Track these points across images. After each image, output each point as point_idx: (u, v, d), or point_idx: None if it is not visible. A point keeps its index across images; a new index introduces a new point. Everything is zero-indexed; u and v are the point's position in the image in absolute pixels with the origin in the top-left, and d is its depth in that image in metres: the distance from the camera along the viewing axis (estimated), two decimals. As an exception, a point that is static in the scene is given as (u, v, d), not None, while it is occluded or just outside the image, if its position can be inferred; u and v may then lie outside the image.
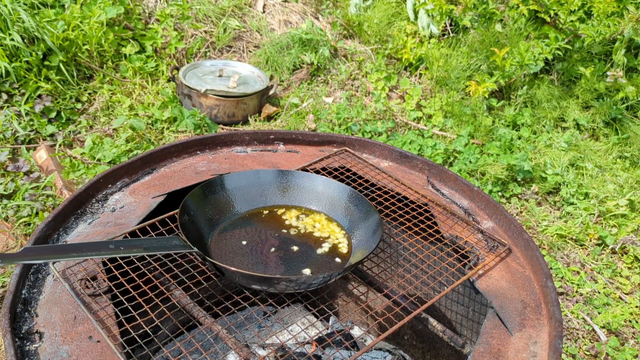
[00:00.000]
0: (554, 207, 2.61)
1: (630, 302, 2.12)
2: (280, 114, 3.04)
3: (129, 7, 3.17)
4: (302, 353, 1.36)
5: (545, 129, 3.04)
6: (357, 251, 1.11)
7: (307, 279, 0.97)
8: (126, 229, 1.12)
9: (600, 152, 2.93)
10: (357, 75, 3.33)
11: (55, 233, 1.12)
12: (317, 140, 1.51)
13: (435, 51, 3.23)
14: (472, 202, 1.34)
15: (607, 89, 3.12)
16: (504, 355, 0.94)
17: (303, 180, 1.25)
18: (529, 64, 2.93)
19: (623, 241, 2.35)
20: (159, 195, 1.24)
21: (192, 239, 1.02)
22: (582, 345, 1.94)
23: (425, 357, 1.50)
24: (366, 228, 1.14)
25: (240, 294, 1.03)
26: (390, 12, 3.47)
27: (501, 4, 3.25)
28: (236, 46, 3.42)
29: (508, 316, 1.02)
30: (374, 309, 1.03)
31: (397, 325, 0.96)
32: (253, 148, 1.47)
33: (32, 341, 0.89)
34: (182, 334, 1.46)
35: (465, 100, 3.11)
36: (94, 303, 0.95)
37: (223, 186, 1.19)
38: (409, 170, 1.45)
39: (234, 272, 0.97)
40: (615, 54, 2.98)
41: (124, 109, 2.83)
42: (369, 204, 1.16)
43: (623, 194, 2.60)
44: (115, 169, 1.27)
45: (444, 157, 2.75)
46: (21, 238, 2.06)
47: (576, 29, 3.00)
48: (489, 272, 1.13)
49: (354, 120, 2.94)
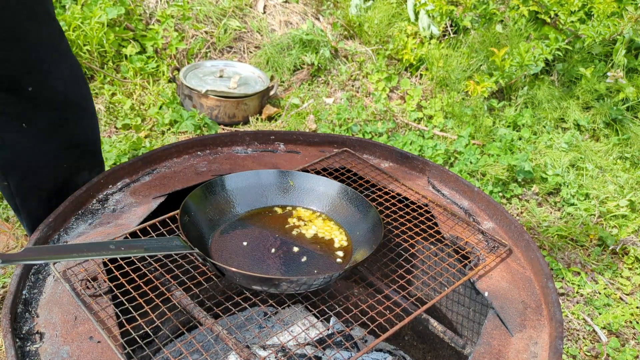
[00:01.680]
0: (555, 207, 2.60)
1: (630, 303, 2.11)
2: (280, 114, 3.04)
3: (130, 7, 3.17)
4: (303, 354, 1.36)
5: (546, 130, 3.04)
6: (358, 252, 1.11)
7: (308, 279, 0.97)
8: (127, 229, 1.12)
9: (600, 152, 2.93)
10: (358, 76, 3.33)
11: (56, 233, 1.12)
12: (317, 141, 1.51)
13: (436, 52, 3.23)
14: (472, 202, 1.34)
15: (607, 90, 3.12)
16: (504, 355, 0.94)
17: (304, 180, 1.25)
18: (529, 64, 2.93)
19: (624, 242, 2.35)
20: (160, 196, 1.24)
21: (193, 239, 1.02)
22: (582, 346, 1.94)
23: (426, 357, 1.50)
24: (367, 229, 1.14)
25: (241, 295, 1.03)
26: (390, 12, 3.47)
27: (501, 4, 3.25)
28: (237, 47, 3.42)
29: (509, 317, 1.02)
30: (375, 309, 1.03)
31: (397, 326, 0.96)
32: (254, 148, 1.47)
33: (32, 341, 0.89)
34: (183, 335, 1.46)
35: (465, 101, 3.11)
36: (95, 303, 0.95)
37: (224, 187, 1.19)
38: (409, 171, 1.45)
39: (235, 273, 0.97)
40: (615, 54, 2.98)
41: (125, 110, 2.83)
42: (370, 204, 1.16)
43: (623, 195, 2.60)
44: (116, 169, 1.28)
45: (444, 158, 2.75)
46: (22, 238, 2.06)
47: (576, 29, 3.00)
48: (489, 272, 1.13)
49: (355, 121, 2.94)
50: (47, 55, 1.30)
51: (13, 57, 1.23)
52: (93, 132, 1.48)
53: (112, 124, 2.77)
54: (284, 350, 1.33)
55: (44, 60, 1.29)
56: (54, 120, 1.34)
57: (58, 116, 1.35)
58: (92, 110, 1.47)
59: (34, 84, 1.27)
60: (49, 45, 1.30)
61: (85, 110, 1.44)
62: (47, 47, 1.30)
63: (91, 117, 1.47)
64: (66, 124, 1.38)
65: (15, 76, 1.25)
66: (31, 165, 1.35)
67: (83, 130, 1.44)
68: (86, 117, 1.45)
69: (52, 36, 1.31)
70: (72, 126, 1.40)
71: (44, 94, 1.31)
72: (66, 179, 1.43)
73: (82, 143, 1.44)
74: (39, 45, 1.27)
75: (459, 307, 1.33)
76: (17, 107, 1.28)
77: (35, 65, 1.27)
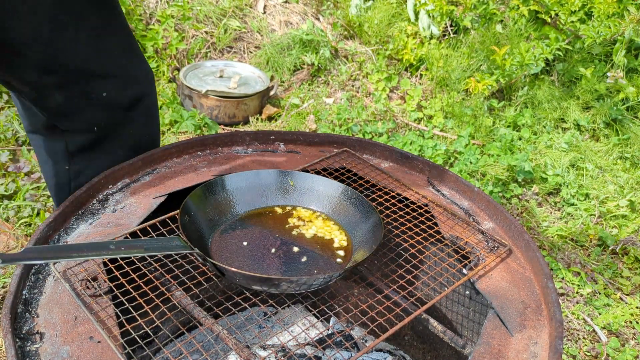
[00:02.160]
0: (555, 207, 2.60)
1: (630, 303, 2.12)
2: (280, 114, 3.04)
3: (130, 7, 3.17)
4: (303, 354, 1.36)
5: (546, 130, 3.04)
6: (358, 252, 1.11)
7: (308, 279, 0.97)
8: (127, 229, 1.12)
9: (600, 152, 2.93)
10: (358, 76, 3.33)
11: (56, 233, 1.12)
12: (317, 141, 1.51)
13: (436, 52, 3.23)
14: (472, 202, 1.34)
15: (607, 90, 3.12)
16: (504, 355, 0.94)
17: (304, 180, 1.25)
18: (530, 64, 2.93)
19: (623, 242, 2.35)
20: (160, 196, 1.24)
21: (193, 239, 1.02)
22: (582, 346, 1.94)
23: (426, 357, 1.50)
24: (367, 229, 1.14)
25: (241, 295, 1.03)
26: (390, 12, 3.47)
27: (501, 4, 3.25)
28: (237, 47, 3.42)
29: (508, 317, 1.02)
30: (375, 309, 1.03)
31: (397, 326, 0.96)
32: (254, 149, 1.47)
33: (32, 342, 0.89)
34: (183, 335, 1.46)
35: (465, 101, 3.11)
36: (95, 304, 0.95)
37: (224, 187, 1.19)
38: (409, 171, 1.45)
39: (235, 273, 0.97)
40: (615, 54, 2.98)
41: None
42: (370, 204, 1.16)
43: (623, 195, 2.60)
44: (116, 169, 1.28)
45: (444, 158, 2.75)
46: (22, 238, 2.06)
47: (577, 29, 3.00)
48: (489, 272, 1.13)
49: (355, 121, 2.94)
50: (124, 61, 1.29)
51: (94, 63, 1.22)
52: (156, 135, 1.48)
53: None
54: (284, 350, 1.33)
55: (122, 66, 1.29)
56: (122, 121, 1.34)
57: (128, 117, 1.35)
58: (157, 114, 1.47)
59: (108, 90, 1.27)
60: (123, 51, 1.29)
61: (152, 114, 1.43)
62: (122, 53, 1.29)
63: (156, 119, 1.46)
64: (134, 125, 1.37)
65: (93, 81, 1.24)
66: (95, 159, 1.35)
67: (149, 132, 1.44)
68: (151, 120, 1.44)
69: (126, 42, 1.30)
70: (139, 127, 1.39)
71: (118, 99, 1.30)
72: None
73: (146, 145, 1.43)
74: (115, 51, 1.26)
75: (459, 307, 1.33)
76: (89, 111, 1.28)
77: (113, 70, 1.27)
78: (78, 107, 1.26)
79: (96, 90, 1.25)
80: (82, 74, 1.23)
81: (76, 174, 1.37)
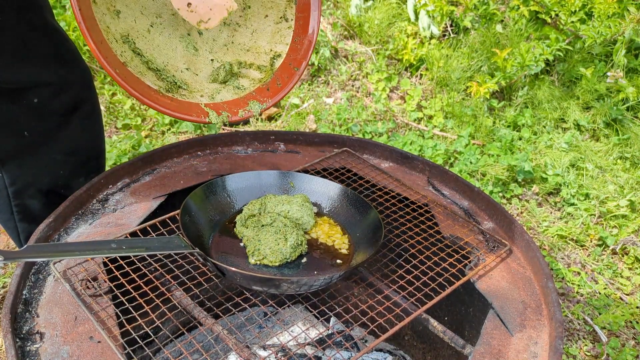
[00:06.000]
0: (555, 207, 2.60)
1: (630, 303, 2.11)
2: (280, 114, 3.04)
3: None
4: (303, 354, 1.36)
5: (546, 130, 3.04)
6: (358, 253, 1.11)
7: (309, 280, 0.97)
8: (127, 229, 1.12)
9: (600, 152, 2.93)
10: (358, 76, 3.33)
11: (56, 233, 1.12)
12: (317, 141, 1.51)
13: (436, 52, 3.23)
14: (472, 202, 1.34)
15: (607, 90, 3.12)
16: (504, 355, 0.94)
17: (304, 182, 1.25)
18: (530, 64, 2.93)
19: (624, 242, 2.35)
20: (160, 196, 1.24)
21: (193, 239, 1.02)
22: (582, 346, 1.94)
23: (426, 357, 1.50)
24: (367, 229, 1.14)
25: (241, 295, 1.03)
26: (390, 13, 3.47)
27: (502, 4, 3.25)
28: (237, 47, 3.42)
29: (508, 317, 1.02)
30: (375, 310, 1.03)
31: (397, 326, 0.96)
32: (254, 149, 1.47)
33: (32, 341, 0.89)
34: (183, 335, 1.46)
35: (465, 101, 3.11)
36: (95, 303, 0.95)
37: (224, 187, 1.19)
38: (409, 171, 1.45)
39: (235, 273, 0.97)
40: (615, 54, 2.98)
41: (125, 110, 2.83)
42: (370, 205, 1.17)
43: (624, 195, 2.60)
44: (116, 169, 1.28)
45: (444, 158, 2.75)
46: (22, 238, 2.06)
47: (577, 29, 3.00)
48: (489, 272, 1.13)
49: (355, 121, 2.94)
50: (56, 67, 1.29)
51: (22, 74, 1.22)
52: (97, 138, 1.48)
53: (112, 124, 2.77)
54: (284, 350, 1.33)
55: (54, 72, 1.28)
56: (57, 126, 1.34)
57: (63, 122, 1.35)
58: (98, 117, 1.47)
59: (40, 97, 1.27)
60: (54, 56, 1.29)
61: (90, 117, 1.44)
62: (53, 58, 1.29)
63: (95, 123, 1.47)
64: (70, 130, 1.37)
65: (22, 89, 1.24)
66: (30, 164, 1.35)
67: (88, 136, 1.44)
68: (90, 124, 1.45)
69: (57, 46, 1.30)
70: (76, 132, 1.40)
71: (52, 105, 1.30)
72: (65, 183, 1.43)
73: (85, 149, 1.44)
74: (46, 57, 1.26)
75: (459, 307, 1.33)
76: (18, 117, 1.28)
77: (44, 78, 1.26)
78: (6, 113, 1.25)
79: (27, 97, 1.25)
80: (10, 83, 1.22)
81: (12, 180, 1.35)
